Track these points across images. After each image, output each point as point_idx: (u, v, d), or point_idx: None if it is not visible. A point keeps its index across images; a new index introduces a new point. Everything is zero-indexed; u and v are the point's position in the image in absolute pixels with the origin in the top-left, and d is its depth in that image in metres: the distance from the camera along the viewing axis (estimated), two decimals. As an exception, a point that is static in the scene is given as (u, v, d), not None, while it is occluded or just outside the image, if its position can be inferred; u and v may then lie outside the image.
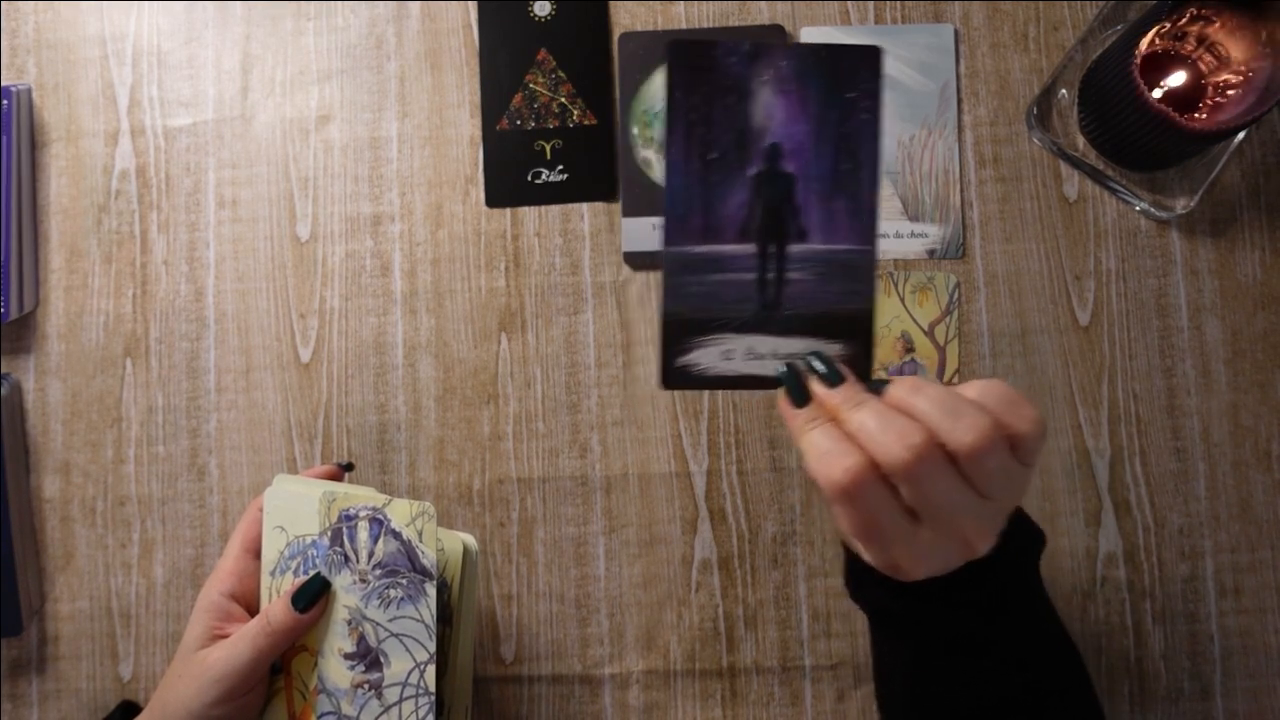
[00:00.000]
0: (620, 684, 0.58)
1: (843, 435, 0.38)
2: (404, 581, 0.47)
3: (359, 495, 0.48)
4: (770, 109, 0.40)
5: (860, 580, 0.44)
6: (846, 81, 0.39)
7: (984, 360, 0.59)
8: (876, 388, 0.39)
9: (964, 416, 0.37)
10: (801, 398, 0.39)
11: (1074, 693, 0.44)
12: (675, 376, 0.40)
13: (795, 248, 0.40)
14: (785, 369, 0.40)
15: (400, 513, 0.47)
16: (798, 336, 0.41)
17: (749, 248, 0.40)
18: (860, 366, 0.40)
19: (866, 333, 0.41)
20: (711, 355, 0.40)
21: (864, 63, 0.39)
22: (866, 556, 0.40)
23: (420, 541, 0.46)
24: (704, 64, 0.39)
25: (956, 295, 0.59)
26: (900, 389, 0.38)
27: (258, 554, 0.51)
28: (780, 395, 0.40)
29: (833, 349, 0.41)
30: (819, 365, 0.39)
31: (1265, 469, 0.58)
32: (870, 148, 0.40)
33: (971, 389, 0.39)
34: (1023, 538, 0.43)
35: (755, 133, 0.40)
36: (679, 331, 0.40)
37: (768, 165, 0.40)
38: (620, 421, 0.59)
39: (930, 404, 0.37)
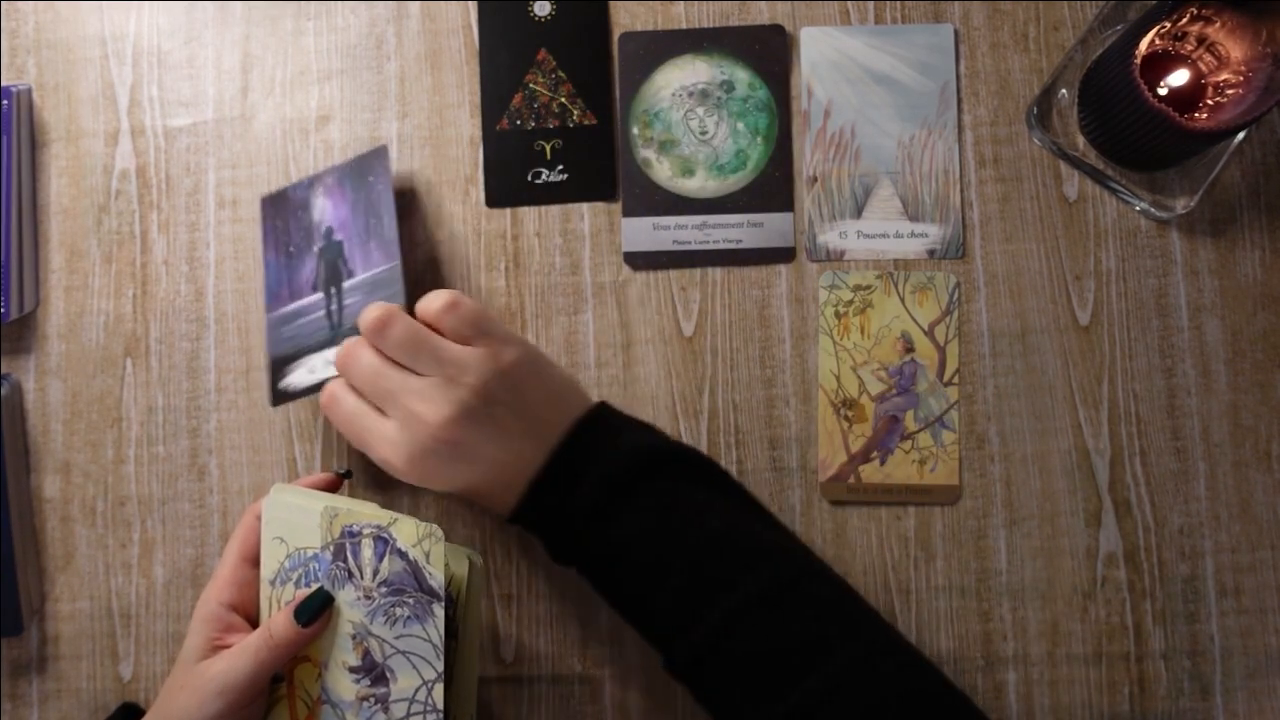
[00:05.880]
0: (620, 684, 0.58)
1: (343, 382, 0.51)
2: (410, 601, 0.46)
3: (363, 513, 0.47)
4: (323, 208, 0.59)
5: (551, 544, 0.51)
6: (366, 172, 0.58)
7: (984, 360, 0.59)
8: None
9: (370, 311, 0.49)
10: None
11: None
12: (280, 396, 0.57)
13: (347, 283, 0.57)
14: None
15: (406, 533, 0.46)
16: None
17: (318, 295, 0.58)
18: None
19: None
20: (301, 374, 0.56)
21: (377, 159, 0.58)
22: (380, 464, 0.49)
23: (428, 563, 0.46)
24: (282, 203, 0.60)
25: (956, 295, 0.59)
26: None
27: (255, 563, 0.50)
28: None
29: None
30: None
31: (1265, 469, 0.58)
32: (387, 204, 0.57)
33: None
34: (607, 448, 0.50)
35: (316, 225, 0.59)
36: (279, 365, 0.57)
37: (325, 241, 0.58)
38: (620, 421, 0.59)
39: (361, 315, 0.50)
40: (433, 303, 0.50)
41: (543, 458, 0.49)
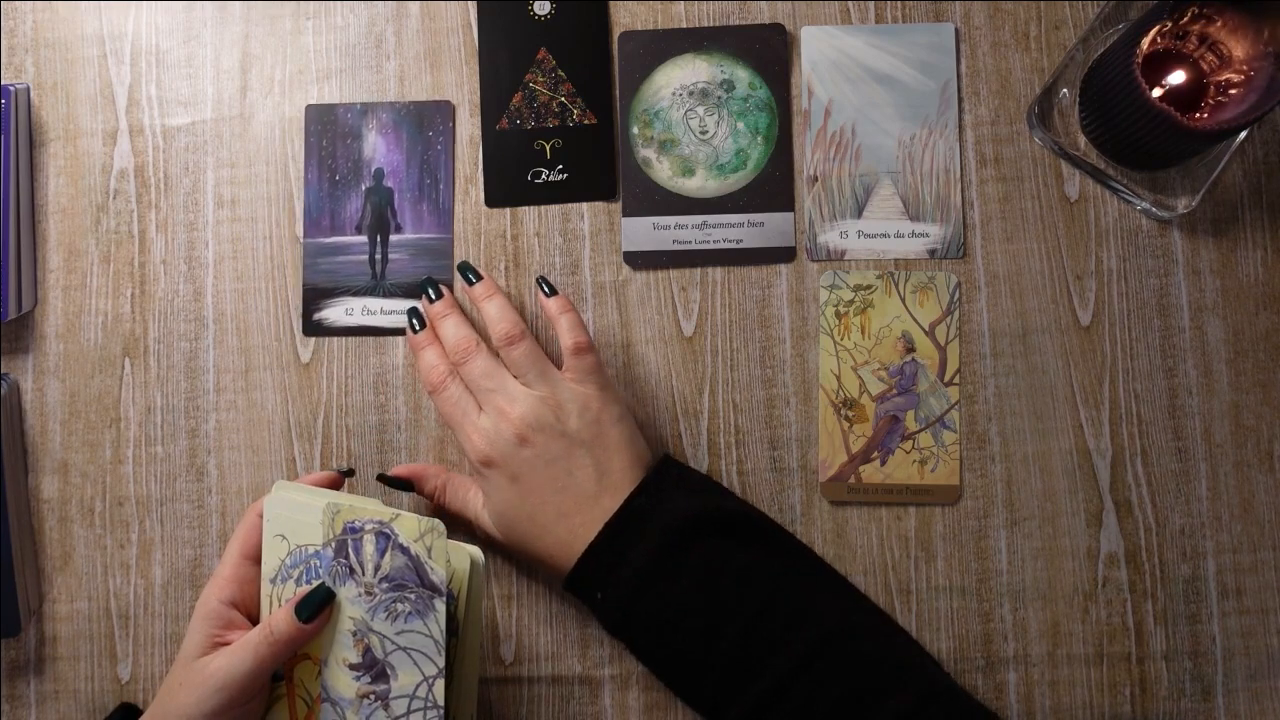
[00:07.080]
0: (620, 684, 0.58)
1: (443, 354, 0.55)
2: (412, 596, 0.46)
3: (364, 509, 0.47)
4: (375, 146, 0.60)
5: (607, 617, 0.53)
6: (427, 125, 0.59)
7: (985, 360, 0.59)
8: (472, 280, 0.56)
9: (503, 323, 0.54)
10: (419, 322, 0.56)
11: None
12: (313, 327, 0.59)
13: (394, 238, 0.59)
14: (409, 309, 0.57)
15: (408, 528, 0.46)
16: (398, 299, 0.59)
17: (362, 238, 0.60)
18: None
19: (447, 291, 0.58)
20: (337, 312, 0.59)
21: (439, 113, 0.59)
22: (464, 446, 0.54)
23: (429, 558, 0.46)
24: (329, 119, 0.60)
25: (957, 295, 0.59)
26: (475, 290, 0.56)
27: (257, 560, 0.50)
28: (407, 330, 0.57)
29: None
30: (429, 287, 0.57)
31: (1267, 469, 0.58)
32: (446, 169, 0.59)
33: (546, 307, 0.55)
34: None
35: (366, 161, 0.60)
36: (314, 296, 0.60)
37: (375, 182, 0.60)
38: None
39: (492, 307, 0.55)
40: (567, 332, 0.54)
41: (598, 528, 0.52)
